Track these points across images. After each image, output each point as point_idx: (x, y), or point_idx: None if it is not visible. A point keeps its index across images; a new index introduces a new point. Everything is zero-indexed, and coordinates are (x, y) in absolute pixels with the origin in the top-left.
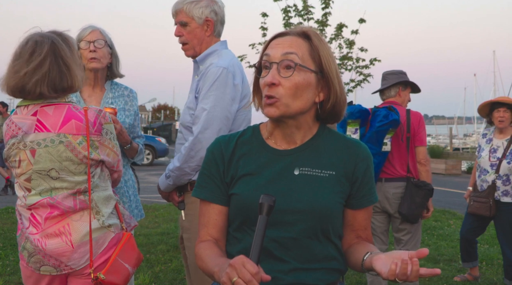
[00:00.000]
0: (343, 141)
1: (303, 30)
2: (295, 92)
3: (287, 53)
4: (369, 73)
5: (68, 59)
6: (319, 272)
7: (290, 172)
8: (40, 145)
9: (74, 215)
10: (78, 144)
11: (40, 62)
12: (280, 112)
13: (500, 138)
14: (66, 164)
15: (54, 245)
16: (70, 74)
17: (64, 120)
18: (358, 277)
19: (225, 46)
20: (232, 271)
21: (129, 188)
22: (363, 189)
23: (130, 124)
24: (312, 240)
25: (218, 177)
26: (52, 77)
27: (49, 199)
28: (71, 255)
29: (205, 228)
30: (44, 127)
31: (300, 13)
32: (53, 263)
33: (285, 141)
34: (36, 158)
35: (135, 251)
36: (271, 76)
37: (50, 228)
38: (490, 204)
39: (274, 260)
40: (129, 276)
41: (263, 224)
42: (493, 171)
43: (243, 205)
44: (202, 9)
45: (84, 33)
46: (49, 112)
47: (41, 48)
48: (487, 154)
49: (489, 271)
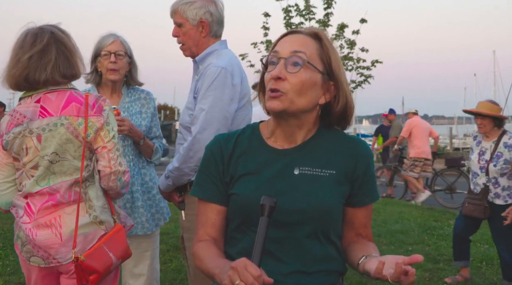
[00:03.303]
0: (343, 139)
1: (315, 31)
2: (300, 89)
3: (296, 51)
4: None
5: (71, 47)
6: (319, 275)
7: (290, 171)
8: (44, 130)
9: (67, 208)
10: (78, 126)
11: (44, 48)
12: (283, 106)
13: (487, 141)
14: (67, 146)
15: (44, 236)
16: (76, 61)
17: (65, 104)
18: (358, 277)
19: (225, 45)
20: (234, 274)
21: (152, 188)
22: (364, 187)
23: (146, 126)
24: (311, 240)
25: (217, 176)
26: (59, 63)
27: (49, 189)
28: (59, 248)
29: (204, 228)
30: (47, 112)
31: (302, 13)
32: (42, 254)
33: (287, 141)
34: (42, 144)
35: (123, 244)
36: (278, 70)
37: (42, 219)
38: (485, 206)
39: (274, 261)
40: (111, 265)
41: (264, 226)
42: (483, 173)
43: (242, 205)
44: (196, 10)
45: (106, 42)
46: (52, 98)
47: (42, 37)
48: (476, 157)
49: (489, 271)
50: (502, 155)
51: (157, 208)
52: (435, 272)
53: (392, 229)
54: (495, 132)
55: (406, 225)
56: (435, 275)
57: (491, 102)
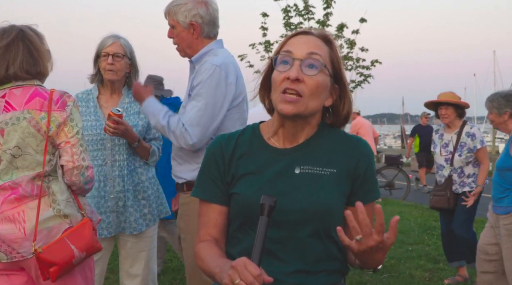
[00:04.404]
0: (344, 138)
1: (325, 34)
2: (315, 92)
3: (313, 53)
4: (369, 74)
5: (38, 45)
6: (321, 275)
7: (290, 171)
8: (7, 124)
9: (30, 203)
10: (40, 120)
11: (9, 44)
12: (298, 110)
13: (449, 132)
14: (29, 140)
15: (7, 230)
16: (43, 60)
17: (29, 98)
18: (358, 277)
19: (221, 45)
20: (234, 273)
21: (148, 188)
22: (365, 186)
23: (143, 127)
24: (313, 239)
25: (218, 177)
26: (23, 59)
27: (11, 183)
28: (23, 242)
29: (205, 228)
30: (11, 106)
31: (301, 13)
32: (5, 249)
33: (288, 140)
34: (5, 138)
35: (89, 237)
36: (295, 71)
37: (6, 212)
38: (448, 197)
39: (276, 261)
40: (73, 258)
41: (264, 225)
42: (448, 165)
43: (243, 205)
44: (186, 13)
45: (105, 43)
46: (17, 93)
47: (8, 34)
48: (440, 150)
49: None
50: (465, 144)
51: (150, 208)
52: (435, 272)
53: None
54: (457, 122)
55: (406, 225)
56: (435, 275)
57: (451, 92)
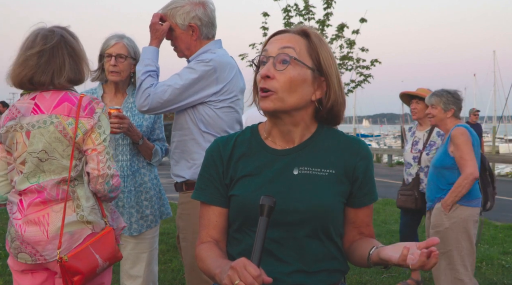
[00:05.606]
0: (343, 139)
1: (303, 28)
2: (290, 86)
3: (284, 47)
4: (369, 73)
5: (79, 51)
6: (321, 274)
7: (289, 172)
8: (34, 126)
9: (55, 206)
10: (68, 125)
11: (53, 51)
12: (275, 105)
13: (421, 130)
14: (55, 145)
15: (32, 232)
16: (83, 66)
17: (58, 103)
18: (358, 277)
19: (219, 45)
20: (234, 273)
21: (150, 189)
22: (364, 188)
23: (148, 127)
24: (313, 239)
25: (217, 179)
26: (68, 68)
27: (37, 186)
28: (46, 245)
29: (206, 230)
30: (39, 109)
31: (301, 12)
32: (30, 250)
33: (284, 140)
34: (30, 140)
35: (112, 246)
36: (266, 69)
37: (31, 215)
38: (415, 197)
39: (275, 261)
40: (97, 267)
41: (263, 226)
42: (416, 163)
43: (243, 206)
44: (184, 15)
45: (108, 44)
46: (47, 96)
47: (51, 40)
48: (410, 147)
49: (489, 271)
50: (435, 143)
51: (152, 209)
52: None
53: (392, 229)
54: (427, 120)
55: None
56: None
57: (428, 89)
